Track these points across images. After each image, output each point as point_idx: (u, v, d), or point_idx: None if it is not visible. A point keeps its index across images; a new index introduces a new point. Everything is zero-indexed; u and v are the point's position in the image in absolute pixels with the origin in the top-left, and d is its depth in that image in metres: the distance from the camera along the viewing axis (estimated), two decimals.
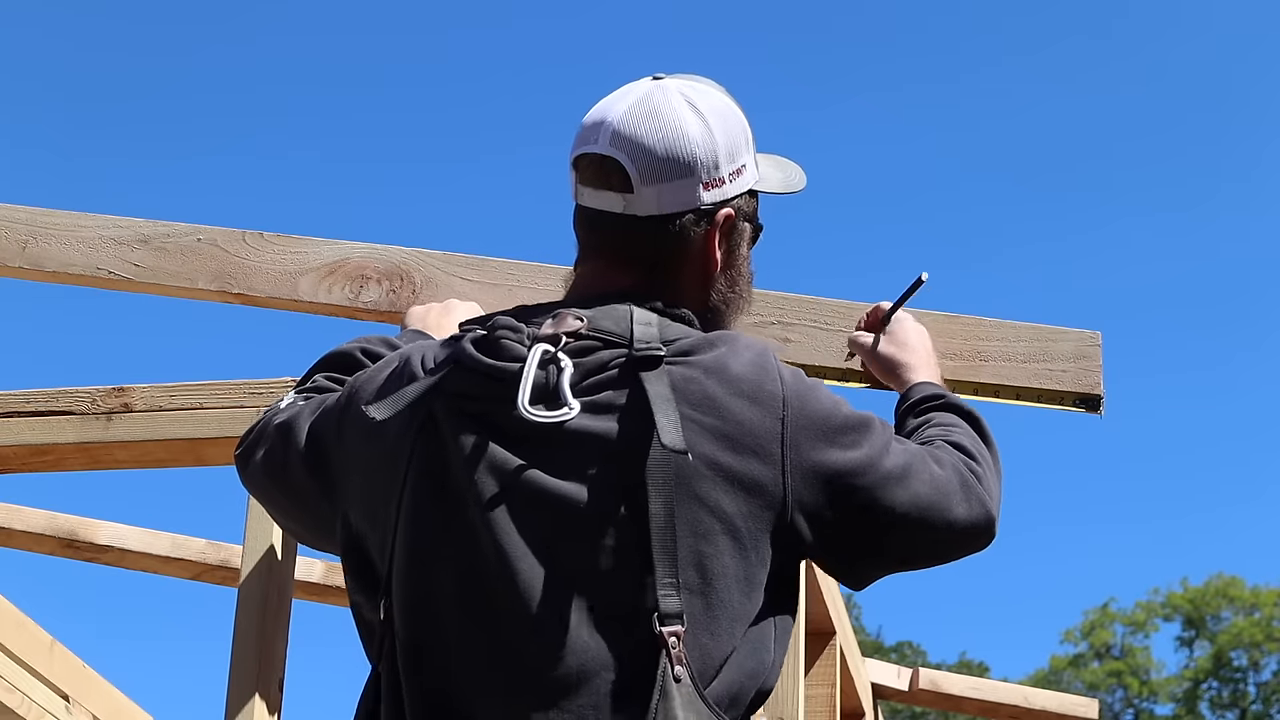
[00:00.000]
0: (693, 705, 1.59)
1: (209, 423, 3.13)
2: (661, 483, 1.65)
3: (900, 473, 1.82)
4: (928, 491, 1.84)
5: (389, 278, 3.13)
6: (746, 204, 1.94)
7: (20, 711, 4.11)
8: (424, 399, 1.78)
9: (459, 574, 1.71)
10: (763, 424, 1.72)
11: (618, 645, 1.63)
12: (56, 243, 3.29)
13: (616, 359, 1.74)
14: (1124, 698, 34.58)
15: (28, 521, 4.38)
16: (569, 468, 1.69)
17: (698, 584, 1.65)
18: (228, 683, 2.89)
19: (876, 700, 4.97)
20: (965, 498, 1.89)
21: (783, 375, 1.77)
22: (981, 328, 2.89)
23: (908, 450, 1.87)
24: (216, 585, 4.46)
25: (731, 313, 1.95)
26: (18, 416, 3.20)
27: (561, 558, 1.67)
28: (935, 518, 1.84)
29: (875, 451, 1.81)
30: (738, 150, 1.91)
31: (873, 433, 1.83)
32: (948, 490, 1.87)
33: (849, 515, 1.78)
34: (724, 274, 1.92)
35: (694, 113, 1.88)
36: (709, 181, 1.87)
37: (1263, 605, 33.89)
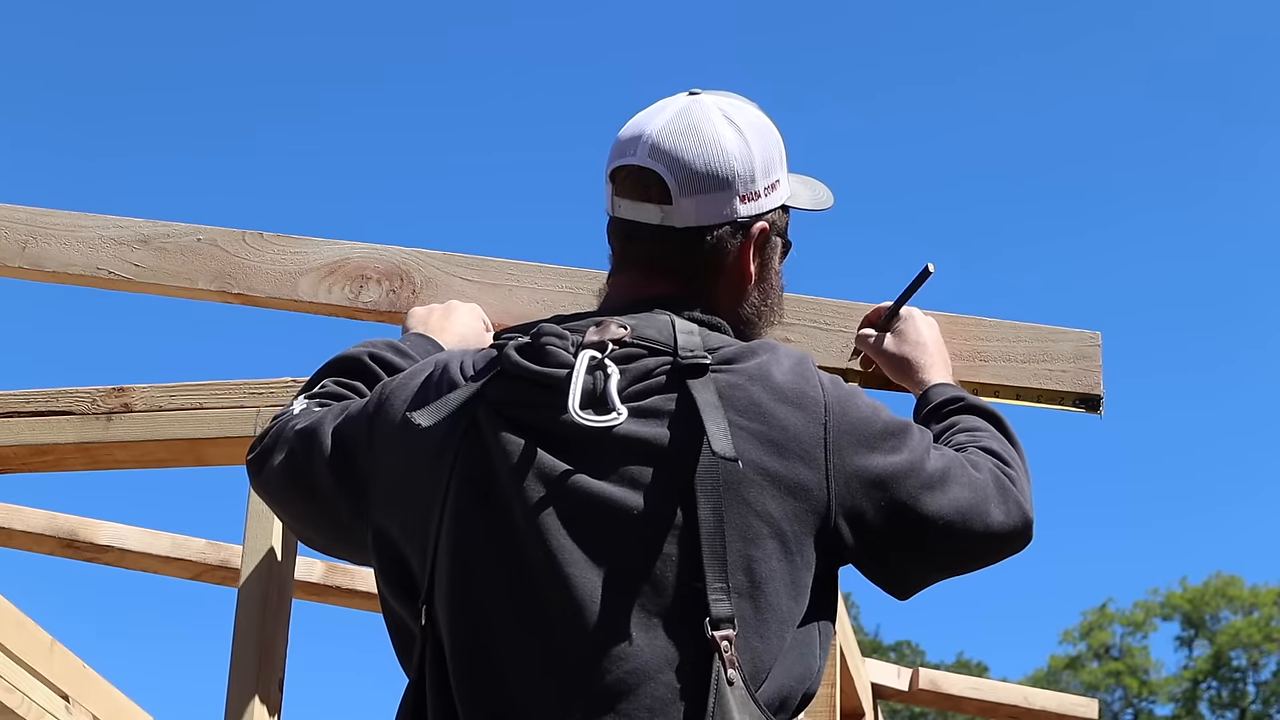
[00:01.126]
0: (746, 707, 1.61)
1: (209, 423, 3.13)
2: (711, 488, 1.68)
3: (940, 478, 1.84)
4: (967, 496, 1.86)
5: (389, 278, 3.13)
6: (779, 219, 1.98)
7: (20, 711, 4.11)
8: (467, 406, 1.79)
9: (508, 580, 1.72)
10: (806, 429, 1.75)
11: (671, 649, 1.64)
12: (56, 243, 3.29)
13: (662, 366, 1.77)
14: (1123, 698, 34.58)
15: (28, 521, 4.38)
16: (618, 473, 1.71)
17: (746, 588, 1.67)
18: (228, 683, 2.89)
19: (876, 700, 4.97)
20: (1002, 501, 1.90)
21: (823, 382, 1.80)
22: (981, 328, 2.89)
23: (945, 456, 1.89)
24: (216, 585, 4.46)
25: (763, 325, 1.99)
26: (18, 416, 3.20)
27: (612, 562, 1.68)
28: (975, 522, 1.86)
29: (916, 457, 1.83)
30: (773, 165, 1.95)
31: (912, 438, 1.85)
32: (986, 495, 1.88)
33: (891, 520, 1.79)
34: (757, 287, 1.96)
35: (731, 127, 1.92)
36: (745, 195, 1.91)
37: (1262, 605, 33.90)
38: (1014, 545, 1.93)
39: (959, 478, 1.87)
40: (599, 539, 1.69)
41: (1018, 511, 1.92)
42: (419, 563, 1.79)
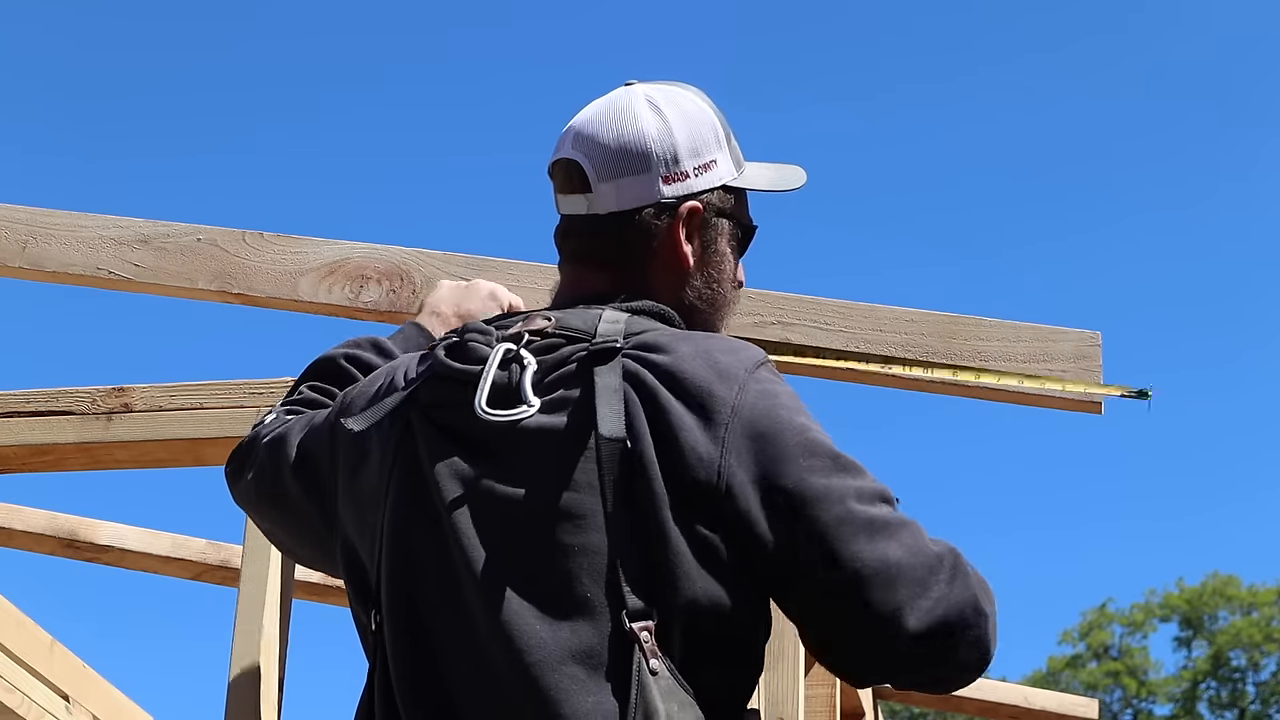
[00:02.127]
0: (674, 695, 1.58)
1: (209, 423, 3.13)
2: (611, 476, 1.63)
3: (867, 523, 1.63)
4: (906, 560, 1.63)
5: (389, 278, 3.13)
6: (721, 200, 1.90)
7: (20, 711, 4.11)
8: (401, 409, 1.79)
9: (438, 583, 1.71)
10: (704, 428, 1.65)
11: (592, 645, 1.61)
12: (56, 243, 3.29)
13: (577, 354, 1.73)
14: (1122, 698, 34.57)
15: (28, 521, 4.38)
16: (530, 467, 1.68)
17: (664, 576, 1.63)
18: (228, 683, 2.90)
19: (876, 700, 4.97)
20: (950, 585, 1.65)
21: (747, 385, 1.68)
22: (981, 328, 2.89)
23: (900, 518, 1.67)
24: (217, 585, 4.46)
25: (714, 311, 1.91)
26: (18, 416, 3.20)
27: (528, 560, 1.66)
28: (904, 598, 1.61)
29: (842, 490, 1.65)
30: (704, 146, 1.89)
31: (850, 474, 1.67)
32: (932, 568, 1.65)
33: (790, 544, 1.64)
34: (700, 271, 1.89)
35: (653, 111, 1.89)
36: (668, 175, 1.86)
37: (1260, 604, 33.89)
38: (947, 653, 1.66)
39: (903, 538, 1.64)
40: (513, 538, 1.67)
41: (966, 595, 1.66)
42: (369, 568, 1.79)
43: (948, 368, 2.79)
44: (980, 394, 2.89)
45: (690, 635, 1.63)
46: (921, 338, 2.89)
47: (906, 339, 2.90)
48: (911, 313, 2.92)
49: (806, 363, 2.93)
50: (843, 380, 2.96)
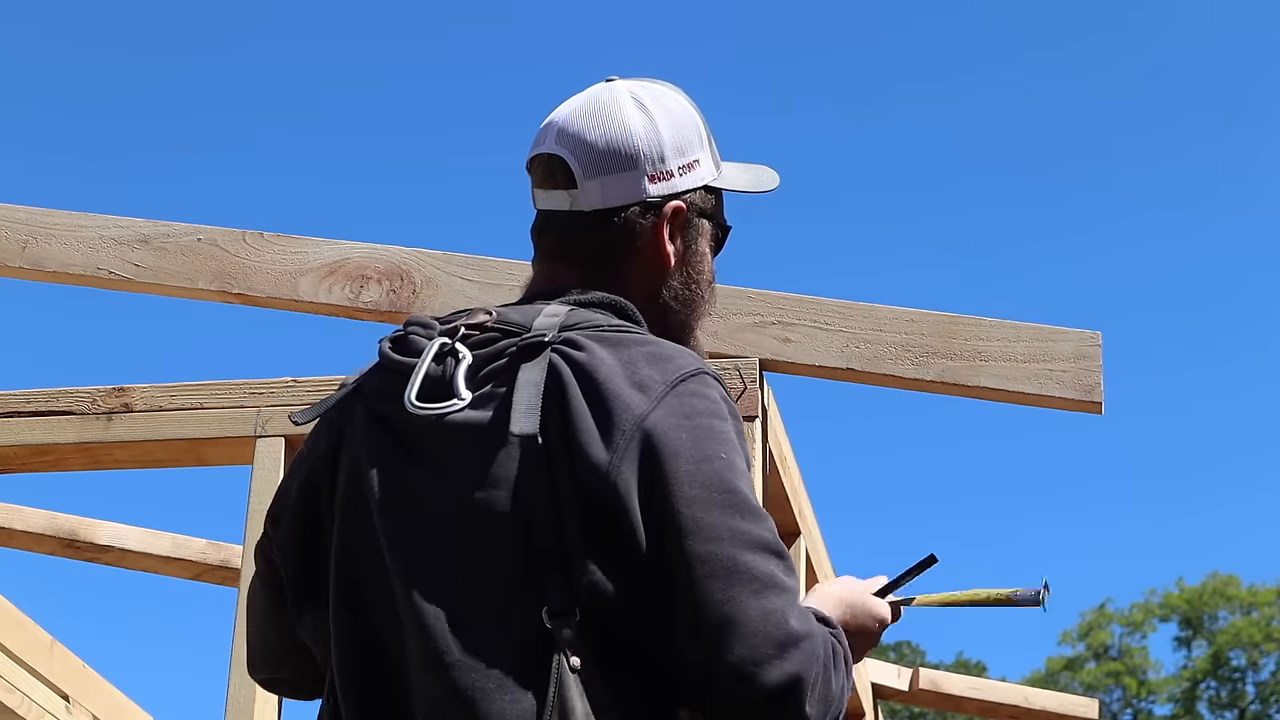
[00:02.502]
0: (594, 695, 1.57)
1: (209, 423, 3.13)
2: (525, 474, 1.61)
3: (731, 569, 1.57)
4: (753, 614, 1.56)
5: (389, 278, 3.13)
6: (703, 200, 1.88)
7: (20, 711, 4.11)
8: (346, 401, 1.79)
9: (374, 581, 1.70)
10: (604, 434, 1.61)
11: (511, 645, 1.60)
12: (57, 243, 3.29)
13: (510, 349, 1.70)
14: (1122, 698, 34.59)
15: (28, 521, 4.38)
16: (454, 463, 1.67)
17: (580, 576, 1.60)
18: (228, 683, 2.90)
19: (876, 700, 4.97)
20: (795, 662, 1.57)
21: (663, 399, 1.63)
22: (981, 328, 2.89)
23: (771, 575, 1.59)
24: (217, 585, 4.46)
25: (689, 311, 1.88)
26: (18, 416, 3.20)
27: (447, 559, 1.65)
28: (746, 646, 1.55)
29: (721, 528, 1.58)
30: (688, 145, 1.87)
31: (737, 516, 1.60)
32: (781, 643, 1.56)
33: (660, 568, 1.59)
34: (680, 271, 1.86)
35: (639, 108, 1.87)
36: (654, 174, 1.84)
37: (1260, 604, 33.91)
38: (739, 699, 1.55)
39: (767, 599, 1.57)
40: (436, 534, 1.66)
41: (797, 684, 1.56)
42: (326, 564, 1.79)
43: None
44: (980, 394, 2.89)
45: (611, 636, 1.60)
46: (921, 338, 2.89)
47: (906, 339, 2.90)
48: (911, 313, 2.92)
49: (805, 363, 2.93)
50: (843, 380, 2.96)
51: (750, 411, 2.84)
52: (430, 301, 3.09)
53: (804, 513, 3.43)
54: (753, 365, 2.89)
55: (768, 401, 2.93)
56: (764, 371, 2.91)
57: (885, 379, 2.91)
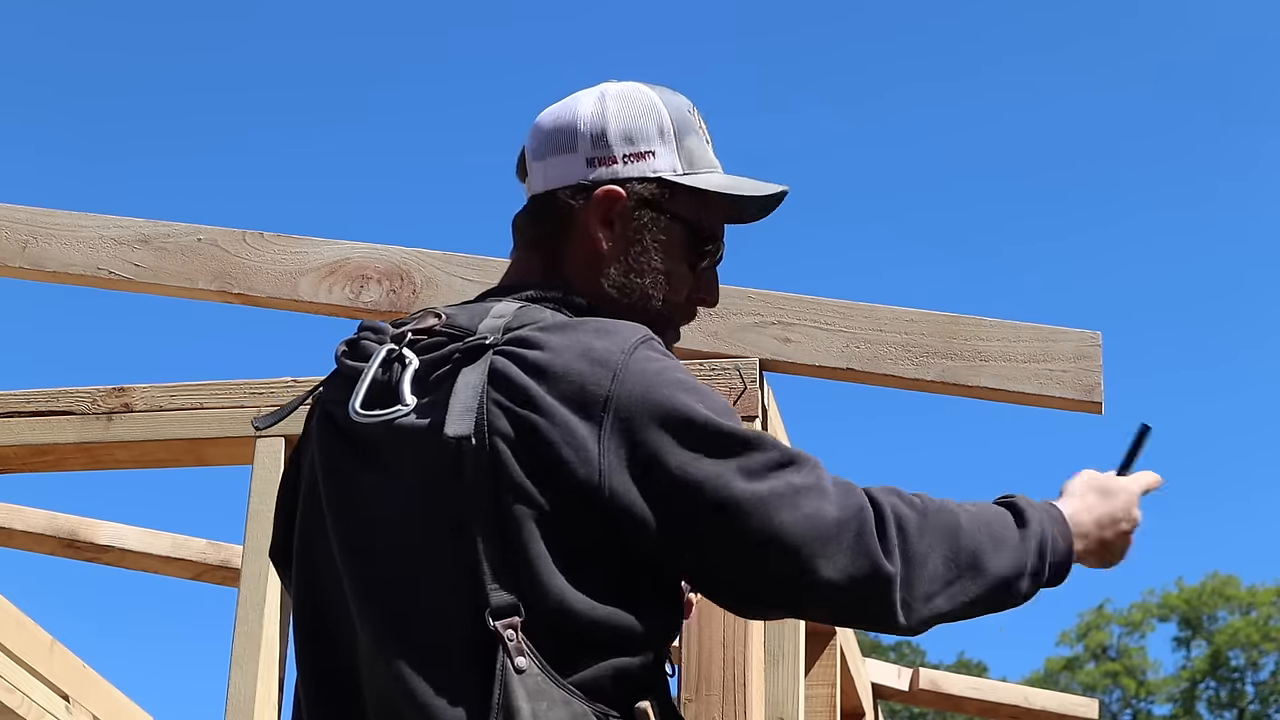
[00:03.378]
0: (543, 694, 1.56)
1: (209, 423, 3.13)
2: (465, 475, 1.60)
3: (757, 501, 1.60)
4: (797, 523, 1.61)
5: (389, 278, 3.13)
6: (652, 193, 1.81)
7: (20, 711, 4.11)
8: (312, 406, 1.80)
9: (331, 582, 1.71)
10: (582, 422, 1.61)
11: (457, 647, 1.60)
12: (57, 243, 3.29)
13: (455, 353, 1.69)
14: (1121, 698, 34.58)
15: (28, 521, 4.38)
16: (397, 468, 1.66)
17: (529, 575, 1.59)
18: (228, 683, 2.90)
19: (876, 700, 4.97)
20: (850, 547, 1.62)
21: (623, 370, 1.63)
22: (981, 328, 2.89)
23: (790, 484, 1.63)
24: (217, 585, 4.46)
25: (633, 307, 1.80)
26: (18, 416, 3.20)
27: (391, 564, 1.65)
28: (769, 521, 1.60)
29: (727, 472, 1.61)
30: (641, 135, 1.82)
31: (736, 450, 1.62)
32: (830, 538, 1.61)
33: (683, 532, 1.62)
34: (619, 260, 1.81)
35: (596, 96, 1.85)
36: (594, 158, 1.81)
37: (1259, 604, 33.91)
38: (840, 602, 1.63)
39: (801, 505, 1.61)
40: (382, 539, 1.66)
41: (864, 563, 1.62)
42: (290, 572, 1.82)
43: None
44: (980, 394, 2.89)
45: (563, 632, 1.60)
46: (921, 338, 2.89)
47: (907, 339, 2.90)
48: (912, 313, 2.92)
49: (805, 363, 2.93)
50: (843, 380, 2.96)
51: (750, 411, 2.84)
52: (430, 301, 3.09)
53: None
54: (753, 365, 2.89)
55: (768, 401, 2.93)
56: (764, 371, 2.91)
57: (885, 379, 2.91)
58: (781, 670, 3.17)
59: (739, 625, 2.71)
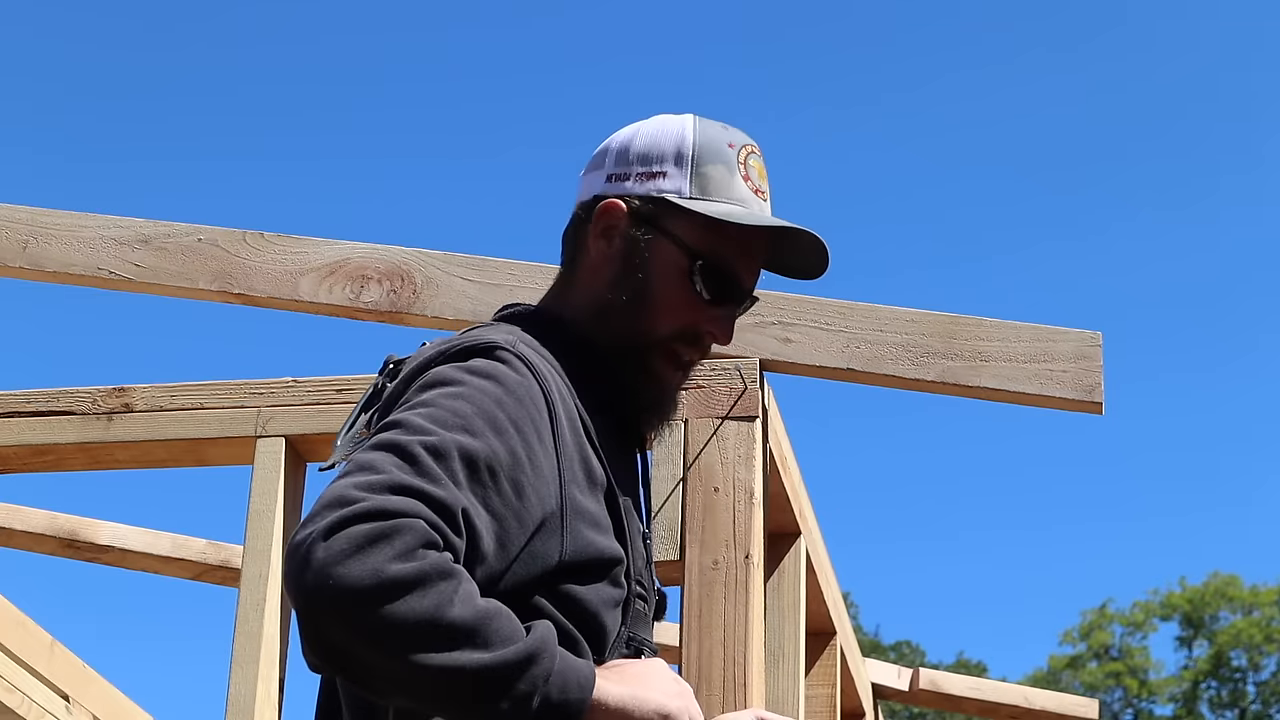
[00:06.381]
0: None
1: (209, 423, 3.13)
2: None
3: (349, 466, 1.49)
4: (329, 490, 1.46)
5: (389, 278, 3.13)
6: (652, 212, 1.78)
7: (20, 711, 4.11)
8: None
9: None
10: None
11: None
12: (57, 243, 3.30)
13: (383, 382, 1.73)
14: (1123, 698, 34.58)
15: (28, 521, 4.38)
16: None
17: None
18: (228, 683, 2.90)
19: (876, 700, 4.97)
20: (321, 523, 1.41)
21: (423, 375, 1.61)
22: (981, 328, 2.89)
23: (370, 461, 1.47)
24: (217, 585, 4.46)
25: (630, 324, 1.77)
26: (18, 416, 3.20)
27: None
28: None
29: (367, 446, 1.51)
30: (657, 157, 1.80)
31: (387, 430, 1.51)
32: (327, 503, 1.43)
33: None
34: (607, 272, 1.78)
35: (637, 125, 1.86)
36: (612, 173, 1.82)
37: (1261, 605, 33.89)
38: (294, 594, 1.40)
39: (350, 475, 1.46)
40: None
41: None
42: None
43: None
44: (980, 394, 2.90)
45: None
46: (922, 338, 2.89)
47: (907, 339, 2.90)
48: (912, 313, 2.92)
49: (805, 363, 2.93)
50: (843, 380, 2.96)
51: (750, 411, 2.84)
52: (431, 302, 3.10)
53: (804, 513, 3.43)
54: (753, 365, 2.89)
55: (768, 401, 2.94)
56: (764, 371, 2.91)
57: (885, 379, 2.91)
58: (781, 670, 3.17)
59: (739, 625, 2.72)
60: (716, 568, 2.76)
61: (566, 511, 1.60)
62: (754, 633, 2.73)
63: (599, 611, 1.63)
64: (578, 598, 1.61)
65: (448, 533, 1.43)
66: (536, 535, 1.57)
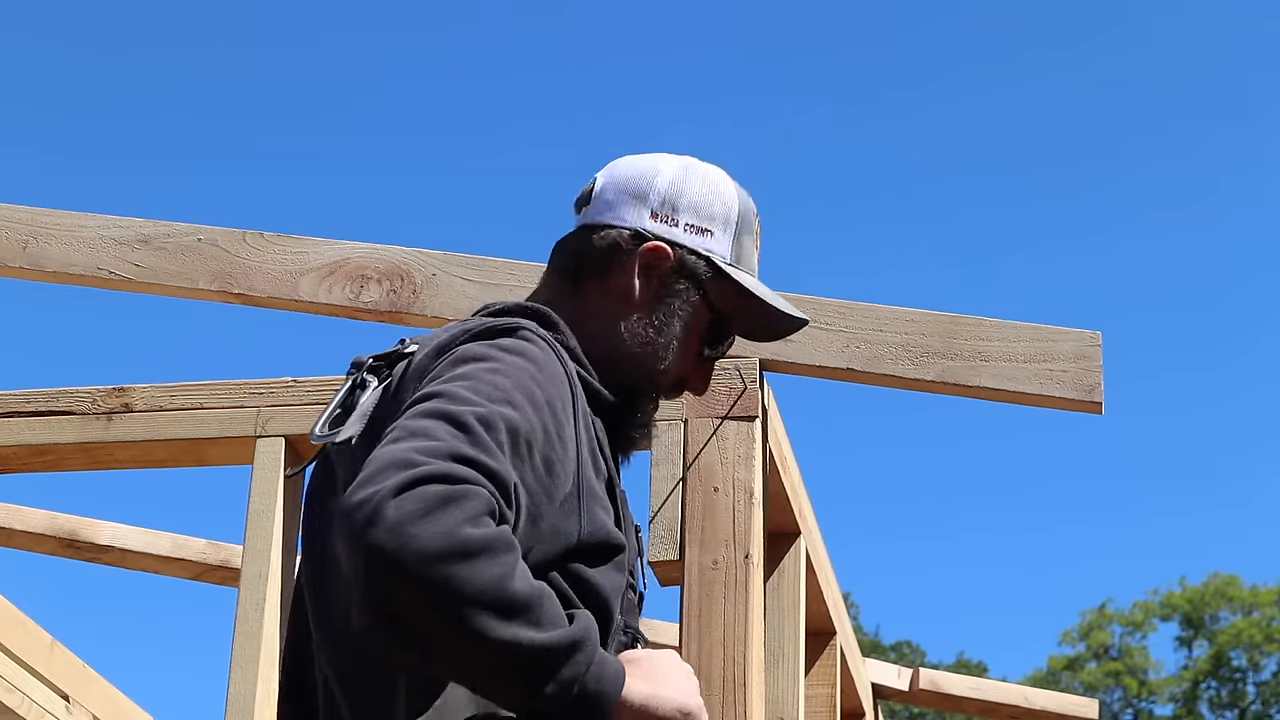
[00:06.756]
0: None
1: (209, 423, 3.13)
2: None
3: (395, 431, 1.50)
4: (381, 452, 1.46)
5: (389, 278, 3.13)
6: (696, 267, 1.85)
7: (20, 711, 4.12)
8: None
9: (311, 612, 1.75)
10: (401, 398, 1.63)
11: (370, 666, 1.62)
12: (57, 243, 3.30)
13: (383, 366, 1.74)
14: (1123, 698, 34.58)
15: (28, 521, 4.38)
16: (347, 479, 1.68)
17: None
18: (228, 683, 2.90)
19: (876, 700, 4.97)
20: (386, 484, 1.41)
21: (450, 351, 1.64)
22: (981, 328, 2.89)
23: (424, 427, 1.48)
24: (217, 585, 4.46)
25: (638, 358, 1.82)
26: (18, 416, 3.20)
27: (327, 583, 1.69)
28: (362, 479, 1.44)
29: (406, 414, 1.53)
30: (709, 216, 1.87)
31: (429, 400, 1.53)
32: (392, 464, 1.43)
33: None
34: (645, 314, 1.84)
35: (680, 166, 1.91)
36: (658, 213, 1.86)
37: (1261, 605, 33.89)
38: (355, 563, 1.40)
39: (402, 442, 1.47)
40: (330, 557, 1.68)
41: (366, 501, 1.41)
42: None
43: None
44: (980, 394, 2.90)
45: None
46: (922, 338, 2.90)
47: (907, 339, 2.90)
48: (912, 312, 2.92)
49: (805, 363, 2.93)
50: (843, 380, 2.96)
51: (750, 411, 2.84)
52: (431, 301, 3.10)
53: (804, 513, 3.43)
54: (753, 365, 2.89)
55: (768, 401, 2.94)
56: (764, 371, 2.92)
57: (885, 379, 2.91)
58: (781, 670, 3.17)
59: (739, 625, 2.72)
60: (716, 567, 2.76)
61: (583, 492, 1.64)
62: (754, 633, 2.73)
63: (609, 597, 1.66)
64: (589, 580, 1.64)
65: (504, 505, 1.45)
66: (559, 512, 1.60)
